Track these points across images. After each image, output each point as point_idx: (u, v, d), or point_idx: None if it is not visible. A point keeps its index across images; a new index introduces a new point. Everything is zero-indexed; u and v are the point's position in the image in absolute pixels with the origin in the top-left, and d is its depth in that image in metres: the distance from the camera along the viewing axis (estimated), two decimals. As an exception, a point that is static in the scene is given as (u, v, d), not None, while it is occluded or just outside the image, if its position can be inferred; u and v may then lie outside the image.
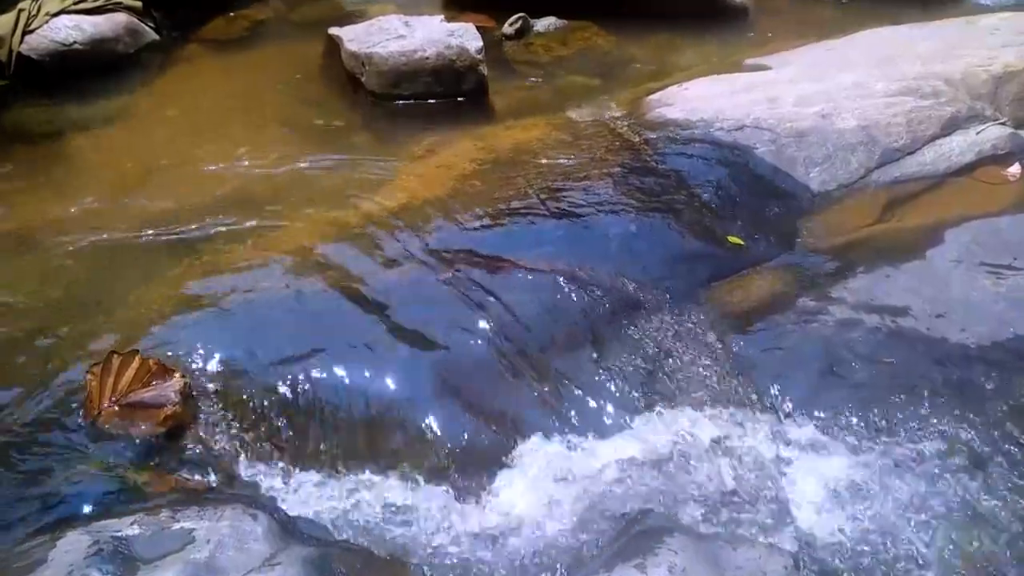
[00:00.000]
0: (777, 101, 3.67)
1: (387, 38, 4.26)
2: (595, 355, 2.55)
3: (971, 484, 2.08)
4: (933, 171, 3.32)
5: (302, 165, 3.59)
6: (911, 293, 2.72)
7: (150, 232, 3.11)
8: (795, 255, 3.04)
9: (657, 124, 3.72)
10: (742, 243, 3.05)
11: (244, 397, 2.29)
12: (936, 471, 2.11)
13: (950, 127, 3.43)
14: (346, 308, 2.56)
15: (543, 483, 2.15)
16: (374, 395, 2.29)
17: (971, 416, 2.28)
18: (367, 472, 2.18)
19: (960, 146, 3.35)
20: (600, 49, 4.89)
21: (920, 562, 1.90)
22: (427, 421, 2.25)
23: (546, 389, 2.43)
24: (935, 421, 2.26)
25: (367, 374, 2.34)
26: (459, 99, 4.24)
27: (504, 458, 2.24)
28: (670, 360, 2.57)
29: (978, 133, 3.38)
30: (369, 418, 2.26)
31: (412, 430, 2.24)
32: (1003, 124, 3.47)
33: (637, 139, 3.59)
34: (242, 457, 2.21)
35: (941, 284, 2.75)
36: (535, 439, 2.29)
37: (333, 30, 4.50)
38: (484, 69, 4.20)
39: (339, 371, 2.34)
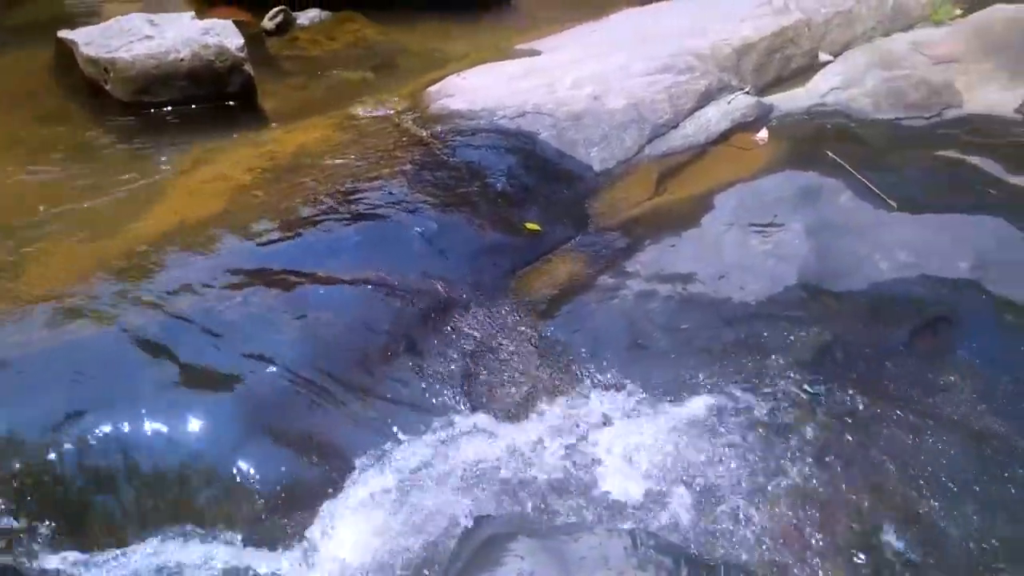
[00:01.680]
0: (553, 86, 3.77)
1: (131, 40, 3.82)
2: (412, 362, 2.47)
3: (772, 437, 2.26)
4: (695, 142, 3.59)
5: (50, 192, 3.13)
6: (694, 260, 2.93)
7: None
8: (589, 235, 3.15)
9: (442, 116, 3.68)
10: (539, 229, 3.11)
11: (11, 475, 1.95)
12: (737, 427, 2.29)
13: (705, 99, 3.73)
14: (123, 355, 2.26)
15: (373, 507, 2.05)
16: (171, 450, 2.05)
17: (759, 369, 2.49)
18: (170, 537, 1.95)
19: (715, 116, 3.65)
20: (370, 41, 4.75)
21: (737, 517, 2.04)
22: (236, 468, 2.04)
23: (365, 407, 2.31)
24: (730, 379, 2.45)
25: (159, 427, 2.08)
26: (226, 103, 3.92)
27: (328, 489, 2.10)
28: (488, 355, 2.56)
29: (729, 103, 3.71)
30: (167, 477, 2.02)
31: (220, 481, 2.03)
32: (747, 93, 3.83)
33: (424, 133, 3.53)
34: (17, 546, 1.89)
35: (718, 248, 2.98)
36: (359, 462, 2.17)
37: (64, 33, 3.96)
38: (249, 68, 3.91)
39: (126, 429, 2.06)
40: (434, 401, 2.37)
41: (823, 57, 4.26)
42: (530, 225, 3.10)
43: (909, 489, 2.12)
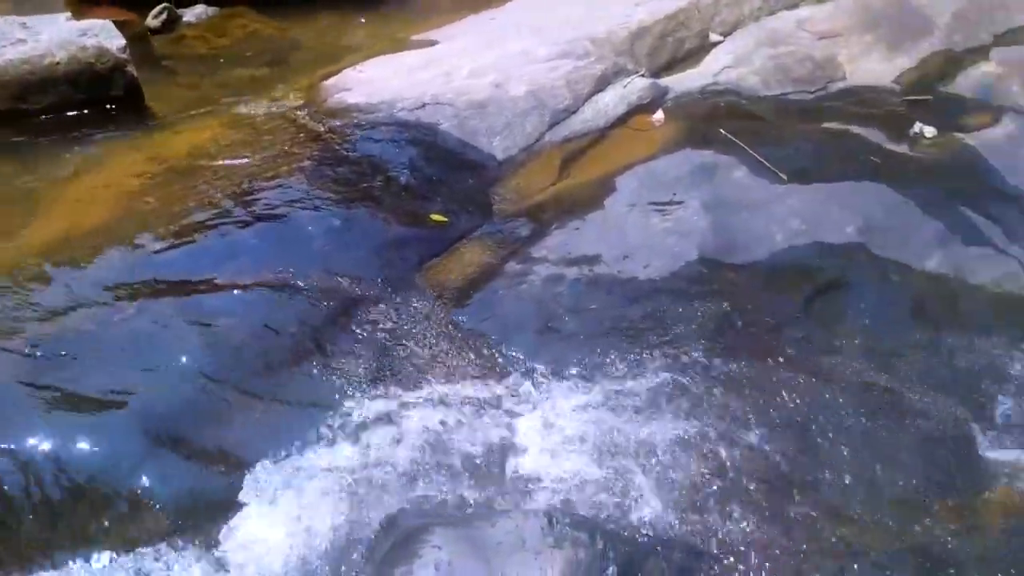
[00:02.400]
0: (452, 75, 3.76)
1: (2, 45, 3.59)
2: (321, 363, 2.42)
3: (680, 407, 2.33)
4: (595, 126, 3.64)
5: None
6: (599, 241, 2.98)
7: None
8: (495, 223, 3.16)
9: (339, 111, 3.61)
10: (445, 219, 3.10)
11: None
12: (646, 401, 2.34)
13: (602, 83, 3.78)
14: (14, 376, 2.14)
15: (284, 512, 2.00)
16: (69, 473, 1.96)
17: (665, 343, 2.56)
18: (75, 560, 1.86)
19: (613, 100, 3.71)
20: (262, 36, 4.61)
21: (649, 488, 2.10)
22: (139, 485, 1.97)
23: (272, 412, 2.26)
24: (637, 355, 2.51)
25: (55, 451, 1.98)
26: (111, 106, 3.73)
27: (237, 498, 2.05)
28: (399, 350, 2.54)
29: (625, 86, 3.77)
30: (67, 501, 1.93)
31: (122, 500, 1.95)
32: (643, 76, 3.91)
33: (322, 128, 3.46)
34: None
35: (621, 228, 3.04)
36: (268, 467, 2.12)
37: (-75, 40, 3.68)
38: (133, 69, 3.74)
39: (18, 455, 1.95)
40: (345, 398, 2.33)
41: (714, 38, 4.39)
42: (436, 216, 3.09)
43: (806, 444, 2.23)
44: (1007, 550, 2.06)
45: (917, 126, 3.73)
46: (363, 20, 4.77)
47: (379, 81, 3.74)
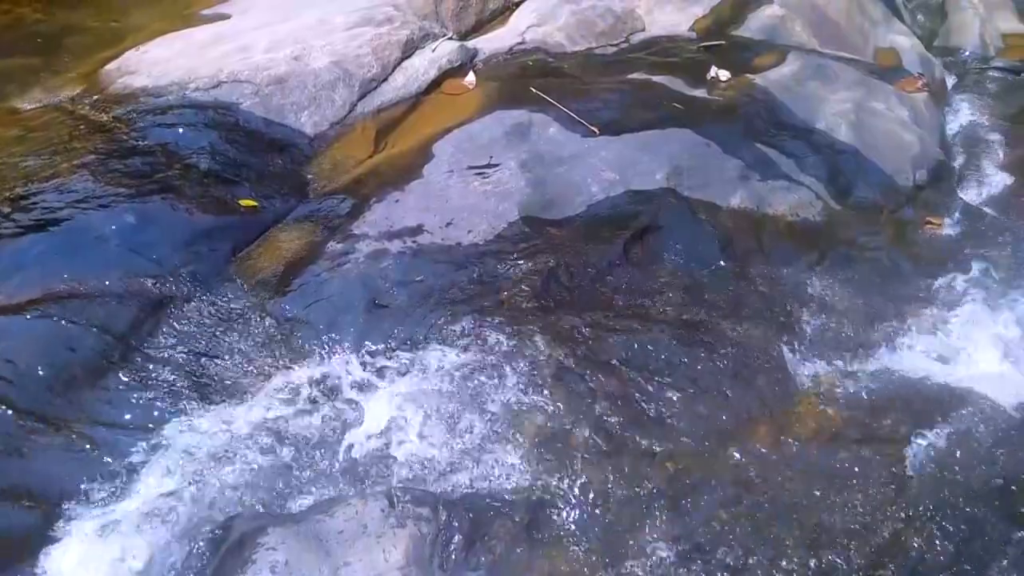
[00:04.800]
0: (249, 50, 3.52)
1: None
2: (129, 376, 2.23)
3: (514, 365, 2.34)
4: (407, 93, 3.56)
5: None
6: (421, 211, 2.92)
7: None
8: (311, 203, 3.03)
9: (125, 97, 3.30)
10: (256, 204, 2.92)
11: None
12: (478, 363, 2.34)
13: (409, 49, 3.69)
14: None
15: (103, 537, 1.84)
16: None
17: (495, 304, 2.56)
18: None
19: (423, 65, 3.63)
20: (28, 21, 4.11)
21: (482, 457, 2.10)
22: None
23: (78, 433, 2.06)
24: (469, 321, 2.49)
25: None
26: None
27: (49, 531, 1.86)
28: (217, 350, 2.38)
29: (434, 50, 3.70)
30: None
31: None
32: (451, 39, 3.85)
33: (106, 118, 3.14)
34: None
35: (442, 195, 2.99)
36: (82, 493, 1.94)
37: None
38: None
39: None
40: (159, 412, 2.16)
41: (517, -4, 4.41)
42: (245, 202, 2.90)
43: (635, 387, 2.32)
44: (822, 457, 2.24)
45: (713, 70, 3.93)
46: (145, -4, 4.37)
47: (167, 61, 3.45)
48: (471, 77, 3.65)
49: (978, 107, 4.63)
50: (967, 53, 5.23)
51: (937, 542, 2.01)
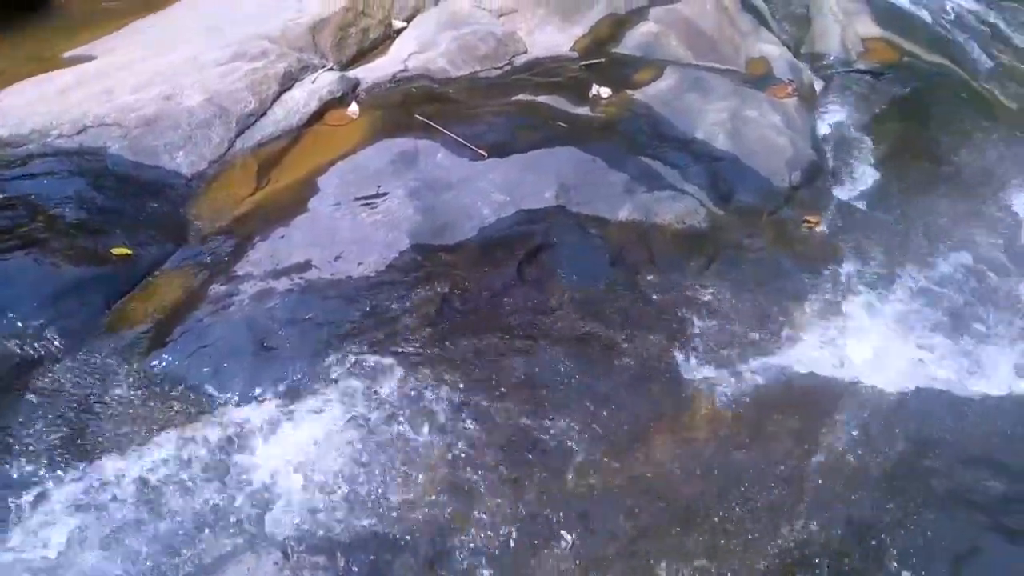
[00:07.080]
0: (114, 92, 3.37)
1: None
2: (-10, 446, 2.06)
3: (411, 398, 2.29)
4: (288, 126, 3.47)
5: None
6: (308, 246, 2.84)
7: None
8: (191, 246, 2.90)
9: (-22, 148, 3.09)
10: (130, 252, 2.78)
11: None
12: (375, 400, 2.29)
13: (288, 82, 3.61)
14: None
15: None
16: None
17: (389, 336, 2.51)
18: None
19: (303, 97, 3.56)
20: None
21: (383, 493, 2.05)
22: None
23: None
24: (363, 356, 2.43)
25: None
26: None
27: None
28: (90, 413, 2.23)
29: (313, 82, 3.64)
30: None
31: None
32: (331, 69, 3.79)
33: (-43, 172, 2.93)
34: None
35: (330, 228, 2.92)
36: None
37: None
38: None
39: None
40: (33, 477, 2.01)
41: (397, 24, 4.38)
42: (117, 250, 2.75)
43: (535, 405, 2.31)
44: (719, 459, 2.29)
45: (595, 88, 4.02)
46: (8, 34, 4.12)
47: (25, 108, 3.25)
48: (354, 107, 3.60)
49: (845, 108, 4.89)
50: (832, 58, 5.52)
51: (835, 534, 2.08)
